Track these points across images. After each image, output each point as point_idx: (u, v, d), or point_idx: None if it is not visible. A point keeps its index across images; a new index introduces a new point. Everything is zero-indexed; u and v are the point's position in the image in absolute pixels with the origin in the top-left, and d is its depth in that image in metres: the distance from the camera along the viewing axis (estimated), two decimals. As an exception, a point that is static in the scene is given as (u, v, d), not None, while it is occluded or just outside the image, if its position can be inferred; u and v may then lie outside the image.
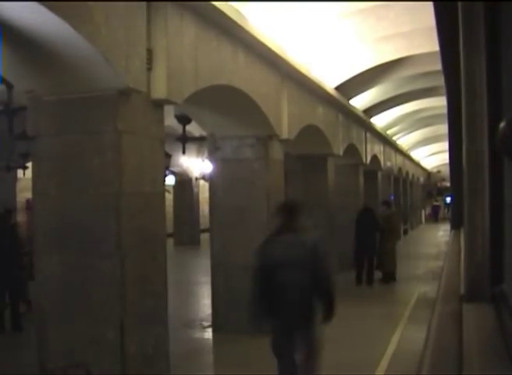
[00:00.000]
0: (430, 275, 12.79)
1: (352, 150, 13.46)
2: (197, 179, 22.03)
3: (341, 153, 11.97)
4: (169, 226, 20.53)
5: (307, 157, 11.06)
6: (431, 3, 2.68)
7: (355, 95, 12.12)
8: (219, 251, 7.86)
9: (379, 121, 16.17)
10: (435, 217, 38.07)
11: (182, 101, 5.33)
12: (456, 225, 5.45)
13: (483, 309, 1.47)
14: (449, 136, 6.49)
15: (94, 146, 4.49)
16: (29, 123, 4.79)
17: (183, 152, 11.41)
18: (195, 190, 22.00)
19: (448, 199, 34.43)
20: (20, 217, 15.26)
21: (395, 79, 12.04)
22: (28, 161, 12.29)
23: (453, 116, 5.22)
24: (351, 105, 12.24)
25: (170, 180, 21.38)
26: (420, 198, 36.23)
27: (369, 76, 10.74)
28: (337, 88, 10.57)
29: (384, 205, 13.37)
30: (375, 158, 16.60)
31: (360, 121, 13.82)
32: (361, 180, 14.94)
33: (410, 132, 22.46)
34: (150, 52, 4.78)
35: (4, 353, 6.94)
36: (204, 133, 9.10)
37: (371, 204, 17.08)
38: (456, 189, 5.81)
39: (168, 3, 4.94)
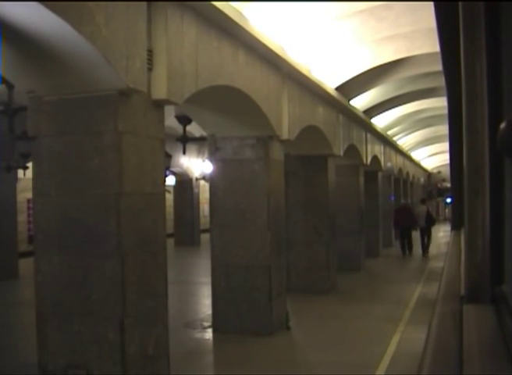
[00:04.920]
0: (430, 276, 12.80)
1: (352, 150, 13.47)
2: (197, 179, 22.04)
3: (341, 153, 11.97)
4: (170, 226, 20.55)
5: (308, 157, 11.06)
6: (431, 3, 2.68)
7: (355, 96, 12.12)
8: (220, 251, 7.86)
9: (380, 122, 16.17)
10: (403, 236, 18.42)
11: (182, 102, 5.33)
12: (456, 226, 5.45)
13: (483, 310, 1.47)
14: (449, 136, 6.48)
15: (95, 146, 4.49)
16: (29, 123, 4.79)
17: (184, 153, 11.42)
18: (195, 190, 22.01)
19: (448, 200, 34.34)
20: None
21: (395, 79, 12.04)
22: (28, 161, 12.30)
23: (454, 116, 5.22)
24: (352, 106, 12.24)
25: (170, 180, 21.38)
26: (420, 198, 36.19)
27: (369, 76, 10.74)
28: (338, 89, 10.57)
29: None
30: (375, 158, 16.61)
31: (361, 121, 13.82)
32: (362, 180, 14.95)
33: (411, 133, 22.46)
34: (150, 53, 4.78)
35: (4, 353, 6.95)
36: (204, 134, 9.10)
37: (373, 204, 17.20)
38: (456, 190, 5.81)
39: (169, 3, 4.94)
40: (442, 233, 26.78)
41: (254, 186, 7.68)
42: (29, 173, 7.38)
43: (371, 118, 14.74)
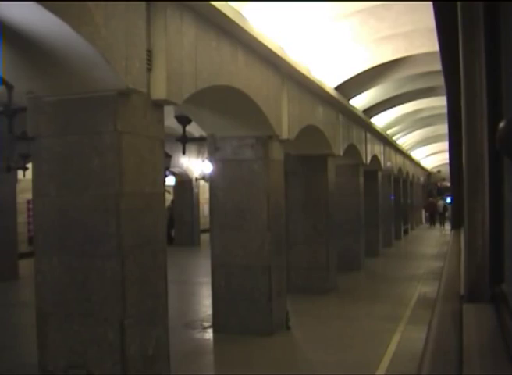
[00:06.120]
0: (430, 275, 12.81)
1: (352, 150, 13.47)
2: (197, 179, 22.03)
3: (341, 153, 11.97)
4: (169, 226, 20.51)
5: (307, 157, 11.06)
6: (430, 3, 2.68)
7: (355, 95, 12.12)
8: (219, 251, 7.86)
9: (379, 121, 16.17)
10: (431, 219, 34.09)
11: (182, 102, 5.33)
12: (456, 225, 5.45)
13: (483, 309, 1.47)
14: (448, 136, 6.49)
15: (94, 147, 4.49)
16: (29, 123, 4.79)
17: (183, 153, 11.41)
18: (195, 190, 21.99)
19: (448, 200, 34.56)
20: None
21: (395, 79, 12.04)
22: (28, 162, 12.29)
23: (453, 115, 5.22)
24: (351, 105, 12.24)
25: (170, 180, 21.37)
26: (420, 198, 36.24)
27: (369, 76, 10.74)
28: (337, 88, 10.57)
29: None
30: (375, 158, 16.60)
31: (361, 121, 13.82)
32: (361, 180, 14.95)
33: (410, 132, 22.47)
34: (150, 53, 4.78)
35: (4, 353, 6.95)
36: (204, 134, 9.10)
37: (372, 204, 17.21)
38: (456, 189, 5.81)
39: (168, 3, 4.94)
40: (441, 233, 26.78)
41: (254, 186, 7.68)
42: (29, 173, 7.38)
43: (370, 117, 14.74)
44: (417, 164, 32.60)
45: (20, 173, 13.87)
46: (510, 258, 1.47)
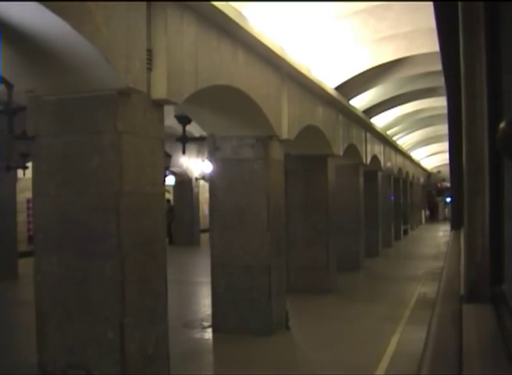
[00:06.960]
0: (430, 275, 12.81)
1: (352, 150, 13.46)
2: (197, 179, 22.03)
3: (341, 153, 11.97)
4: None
5: (307, 157, 11.06)
6: (431, 3, 2.68)
7: (355, 95, 12.12)
8: (219, 251, 7.86)
9: (379, 121, 16.17)
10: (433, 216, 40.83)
11: (182, 102, 5.33)
12: (456, 225, 5.45)
13: (483, 310, 1.47)
14: (449, 136, 6.49)
15: (94, 146, 4.49)
16: (29, 122, 4.79)
17: (183, 152, 11.41)
18: (195, 190, 22.00)
19: (448, 199, 34.75)
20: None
21: (395, 79, 12.04)
22: (28, 161, 12.29)
23: (453, 116, 5.22)
24: (351, 106, 12.24)
25: (170, 180, 21.38)
26: (420, 198, 36.25)
27: (369, 76, 10.74)
28: (337, 88, 10.57)
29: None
30: (375, 158, 16.60)
31: (361, 121, 13.82)
32: (361, 180, 14.94)
33: (411, 132, 22.46)
34: (150, 52, 4.78)
35: (4, 353, 6.94)
36: (204, 134, 9.10)
37: (372, 204, 17.21)
38: (456, 189, 5.81)
39: (169, 3, 4.94)
40: (441, 233, 26.79)
41: (254, 186, 7.68)
42: (28, 172, 7.38)
43: (370, 118, 14.74)
44: (417, 164, 32.61)
45: (20, 172, 13.87)
46: (510, 258, 1.47)
